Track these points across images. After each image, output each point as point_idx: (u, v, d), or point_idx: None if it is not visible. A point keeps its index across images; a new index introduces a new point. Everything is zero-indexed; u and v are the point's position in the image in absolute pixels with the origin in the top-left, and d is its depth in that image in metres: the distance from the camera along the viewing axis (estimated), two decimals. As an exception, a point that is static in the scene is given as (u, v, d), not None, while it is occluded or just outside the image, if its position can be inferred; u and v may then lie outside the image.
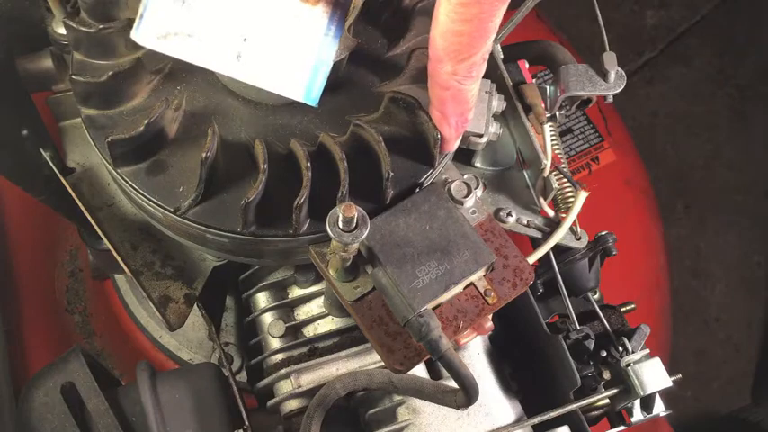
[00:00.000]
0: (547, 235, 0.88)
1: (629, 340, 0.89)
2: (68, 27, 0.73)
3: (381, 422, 0.84)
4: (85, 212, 0.83)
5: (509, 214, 0.87)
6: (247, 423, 0.81)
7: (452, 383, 0.68)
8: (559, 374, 0.86)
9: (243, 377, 1.14)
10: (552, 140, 0.88)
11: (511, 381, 0.89)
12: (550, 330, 0.88)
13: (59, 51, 0.88)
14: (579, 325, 0.90)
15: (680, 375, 0.87)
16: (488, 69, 0.66)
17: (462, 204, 0.74)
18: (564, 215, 0.88)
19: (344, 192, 0.67)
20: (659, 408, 0.87)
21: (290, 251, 0.75)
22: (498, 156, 0.91)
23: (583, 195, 0.87)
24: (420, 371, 0.84)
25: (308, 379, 0.85)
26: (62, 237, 1.35)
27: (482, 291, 0.70)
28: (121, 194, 0.83)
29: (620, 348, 0.89)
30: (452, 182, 0.76)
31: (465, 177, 0.75)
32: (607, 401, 0.88)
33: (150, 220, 0.79)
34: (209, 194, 0.70)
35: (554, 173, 0.87)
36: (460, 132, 0.71)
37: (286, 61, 0.67)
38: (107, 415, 0.76)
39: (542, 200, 0.89)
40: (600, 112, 1.58)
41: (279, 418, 0.86)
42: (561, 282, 0.90)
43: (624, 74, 0.87)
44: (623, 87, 0.88)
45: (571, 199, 0.90)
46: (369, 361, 0.85)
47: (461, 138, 0.75)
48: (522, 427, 0.83)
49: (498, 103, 0.84)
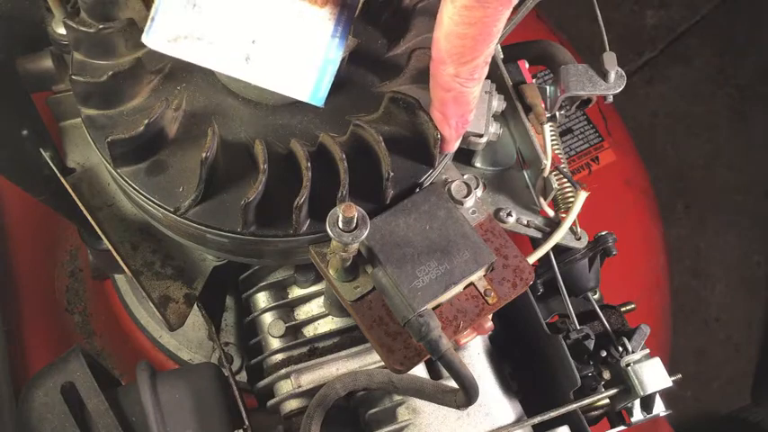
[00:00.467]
0: (547, 235, 0.88)
1: (629, 340, 0.89)
2: (68, 27, 0.73)
3: (381, 422, 0.84)
4: (85, 212, 0.83)
5: (509, 214, 0.87)
6: (247, 423, 0.81)
7: (452, 383, 0.68)
8: (559, 374, 0.86)
9: (243, 377, 1.14)
10: (552, 140, 0.88)
11: (511, 381, 0.89)
12: (550, 330, 0.88)
13: (59, 51, 0.88)
14: (579, 325, 0.90)
15: (680, 375, 0.87)
16: (489, 69, 0.66)
17: (462, 204, 0.74)
18: (564, 215, 0.88)
19: (344, 192, 0.67)
20: (659, 408, 0.87)
21: (290, 251, 0.75)
22: (498, 156, 0.91)
23: (583, 195, 0.87)
24: (420, 371, 0.84)
25: (308, 379, 0.85)
26: (62, 237, 1.35)
27: (482, 291, 0.70)
28: (121, 194, 0.83)
29: (620, 348, 0.89)
30: (452, 182, 0.76)
31: (465, 177, 0.75)
32: (607, 401, 0.88)
33: (150, 220, 0.79)
34: (209, 194, 0.70)
35: (554, 173, 0.87)
36: (461, 133, 0.71)
37: (294, 63, 0.67)
38: (107, 415, 0.76)
39: (542, 200, 0.89)
40: (600, 112, 1.58)
41: (279, 418, 0.86)
42: (561, 282, 0.90)
43: (624, 74, 0.87)
44: (623, 87, 0.88)
45: (571, 199, 0.91)
46: (369, 361, 0.85)
47: (461, 138, 0.75)
48: (522, 427, 0.83)
49: (498, 103, 0.84)
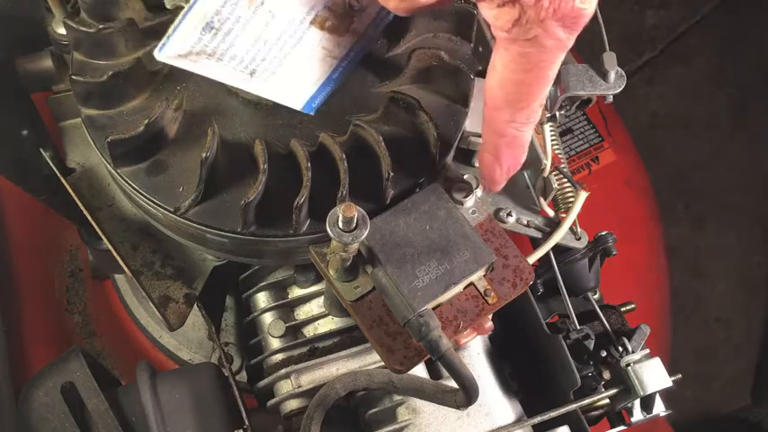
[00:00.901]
0: (547, 235, 0.88)
1: (629, 340, 0.89)
2: (68, 27, 0.73)
3: (381, 422, 0.84)
4: (85, 212, 0.83)
5: (509, 214, 0.87)
6: (247, 423, 0.81)
7: (452, 383, 0.68)
8: (559, 374, 0.86)
9: (243, 377, 1.13)
10: (552, 140, 0.88)
11: (511, 381, 0.89)
12: (550, 330, 0.88)
13: (59, 51, 0.88)
14: (579, 325, 0.90)
15: (680, 375, 0.87)
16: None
17: (462, 204, 0.74)
18: (564, 215, 0.88)
19: (344, 192, 0.67)
20: (659, 408, 0.87)
21: (290, 251, 0.75)
22: (498, 156, 0.91)
23: (583, 195, 0.87)
24: (420, 371, 0.84)
25: (308, 379, 0.85)
26: (62, 237, 1.35)
27: (482, 291, 0.70)
28: (121, 194, 0.83)
29: (620, 348, 0.89)
30: (452, 182, 0.76)
31: (465, 177, 0.75)
32: (607, 401, 0.88)
33: (150, 220, 0.79)
34: (209, 194, 0.70)
35: (554, 173, 0.87)
36: (510, 174, 0.69)
37: (296, 78, 0.68)
38: (107, 415, 0.76)
39: (542, 200, 0.89)
40: (600, 112, 1.58)
41: (279, 418, 0.86)
42: (561, 282, 0.90)
43: (624, 74, 0.87)
44: (623, 87, 0.87)
45: (571, 199, 0.90)
46: (369, 361, 0.85)
47: (461, 138, 0.75)
48: (522, 427, 0.83)
49: (498, 103, 0.84)
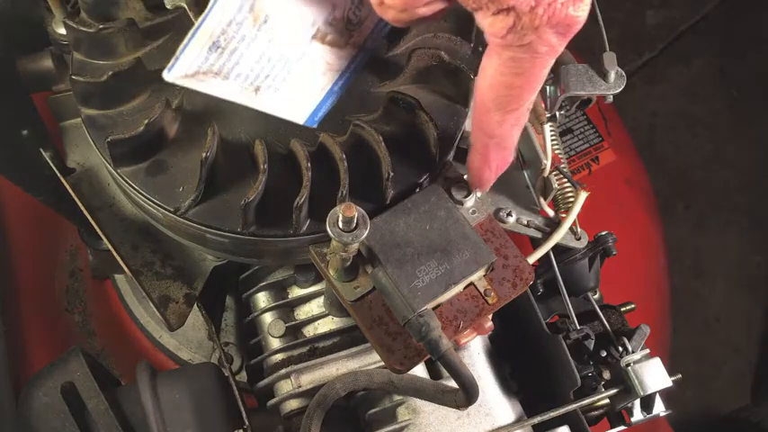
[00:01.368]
0: (547, 235, 0.88)
1: (629, 340, 0.89)
2: (68, 27, 0.73)
3: (381, 422, 0.84)
4: (85, 212, 0.83)
5: (509, 214, 0.87)
6: (247, 423, 0.81)
7: (452, 383, 0.68)
8: (559, 374, 0.86)
9: (243, 377, 1.13)
10: (552, 140, 0.88)
11: (511, 381, 0.89)
12: (550, 330, 0.88)
13: (59, 51, 0.88)
14: (579, 325, 0.90)
15: (680, 375, 0.87)
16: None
17: (462, 204, 0.74)
18: (564, 215, 0.88)
19: (344, 192, 0.67)
20: (659, 408, 0.87)
21: (290, 251, 0.75)
22: (498, 156, 0.91)
23: (583, 195, 0.87)
24: (420, 371, 0.84)
25: (308, 379, 0.85)
26: (62, 237, 1.35)
27: (482, 291, 0.70)
28: (121, 194, 0.83)
29: (620, 348, 0.89)
30: (452, 182, 0.76)
31: (465, 177, 0.75)
32: (607, 401, 0.88)
33: (150, 220, 0.79)
34: (209, 194, 0.70)
35: (554, 173, 0.87)
36: (499, 173, 0.71)
37: (300, 94, 0.68)
38: (107, 415, 0.76)
39: (542, 200, 0.89)
40: (600, 112, 1.58)
41: (279, 418, 0.86)
42: (561, 282, 0.90)
43: (624, 74, 0.87)
44: (623, 87, 0.87)
45: (571, 199, 0.90)
46: (369, 361, 0.85)
47: (461, 138, 0.75)
48: (522, 427, 0.83)
49: (498, 103, 0.84)
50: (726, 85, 2.32)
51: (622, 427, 0.90)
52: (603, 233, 0.92)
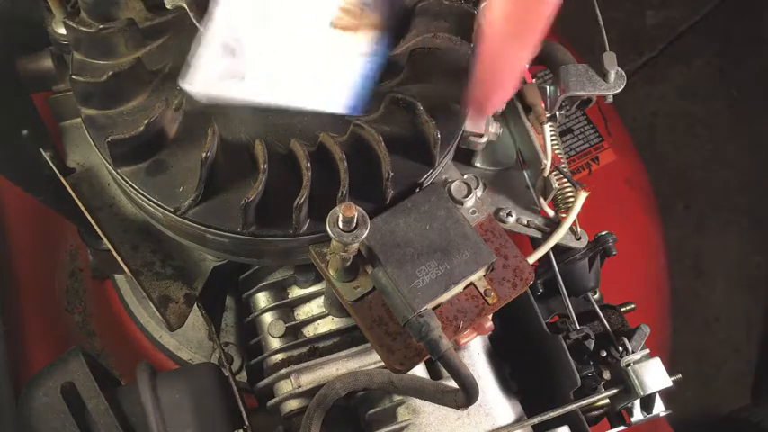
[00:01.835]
0: (547, 235, 0.88)
1: (629, 340, 0.89)
2: (68, 27, 0.73)
3: (381, 422, 0.84)
4: (85, 212, 0.83)
5: (509, 214, 0.87)
6: (247, 423, 0.81)
7: (452, 383, 0.68)
8: (559, 374, 0.86)
9: (243, 377, 1.13)
10: (552, 140, 0.88)
11: (511, 381, 0.89)
12: (550, 330, 0.88)
13: (59, 51, 0.88)
14: (579, 325, 0.90)
15: (680, 375, 0.87)
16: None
17: (462, 204, 0.74)
18: (564, 215, 0.88)
19: (344, 192, 0.67)
20: (659, 408, 0.87)
21: (290, 251, 0.75)
22: (498, 156, 0.91)
23: (583, 195, 0.87)
24: (420, 371, 0.84)
25: (308, 379, 0.85)
26: (62, 237, 1.35)
27: (482, 291, 0.70)
28: (121, 194, 0.83)
29: (620, 348, 0.89)
30: (452, 182, 0.76)
31: (465, 177, 0.75)
32: (607, 401, 0.88)
33: (150, 220, 0.79)
34: (209, 194, 0.70)
35: (554, 173, 0.87)
36: (503, 101, 0.74)
37: (329, 84, 0.68)
38: (107, 415, 0.76)
39: (542, 200, 0.89)
40: (600, 112, 1.58)
41: (279, 418, 0.86)
42: (561, 282, 0.90)
43: (624, 74, 0.87)
44: (623, 87, 0.87)
45: (571, 199, 0.90)
46: (369, 361, 0.85)
47: (461, 138, 0.75)
48: (522, 427, 0.83)
49: (498, 103, 0.84)
50: (726, 85, 2.32)
51: (622, 427, 0.90)
52: (603, 233, 0.92)
